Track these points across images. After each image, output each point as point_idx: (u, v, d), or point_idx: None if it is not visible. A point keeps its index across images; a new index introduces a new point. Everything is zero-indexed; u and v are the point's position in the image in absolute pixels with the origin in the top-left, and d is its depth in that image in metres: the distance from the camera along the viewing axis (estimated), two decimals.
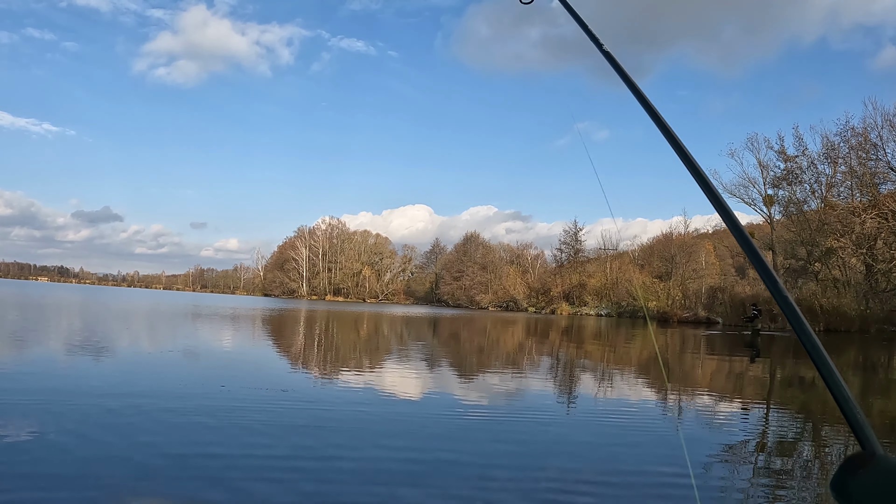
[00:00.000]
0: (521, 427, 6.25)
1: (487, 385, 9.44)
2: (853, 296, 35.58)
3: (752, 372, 13.75)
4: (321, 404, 6.87)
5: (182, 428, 5.31)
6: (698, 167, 1.32)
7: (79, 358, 9.77)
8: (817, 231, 38.36)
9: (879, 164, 36.28)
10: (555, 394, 8.95)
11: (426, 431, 5.81)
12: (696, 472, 4.73)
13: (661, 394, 9.19)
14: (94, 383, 7.31)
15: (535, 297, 73.34)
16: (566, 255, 71.19)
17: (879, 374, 14.72)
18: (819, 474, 5.03)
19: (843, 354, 20.03)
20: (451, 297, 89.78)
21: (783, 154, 41.77)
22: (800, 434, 6.89)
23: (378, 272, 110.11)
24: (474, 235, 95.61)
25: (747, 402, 9.00)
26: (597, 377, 11.54)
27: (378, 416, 6.41)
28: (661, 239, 64.66)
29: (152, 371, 8.72)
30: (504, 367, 12.35)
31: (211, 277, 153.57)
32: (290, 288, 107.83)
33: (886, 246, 35.63)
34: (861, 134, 36.72)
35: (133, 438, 4.86)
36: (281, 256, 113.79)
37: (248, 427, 5.48)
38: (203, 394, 6.99)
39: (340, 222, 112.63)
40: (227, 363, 10.67)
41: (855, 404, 0.87)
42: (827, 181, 39.89)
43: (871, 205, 35.12)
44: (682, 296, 49.93)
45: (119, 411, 5.78)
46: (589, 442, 5.75)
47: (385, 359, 12.86)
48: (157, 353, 11.09)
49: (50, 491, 3.65)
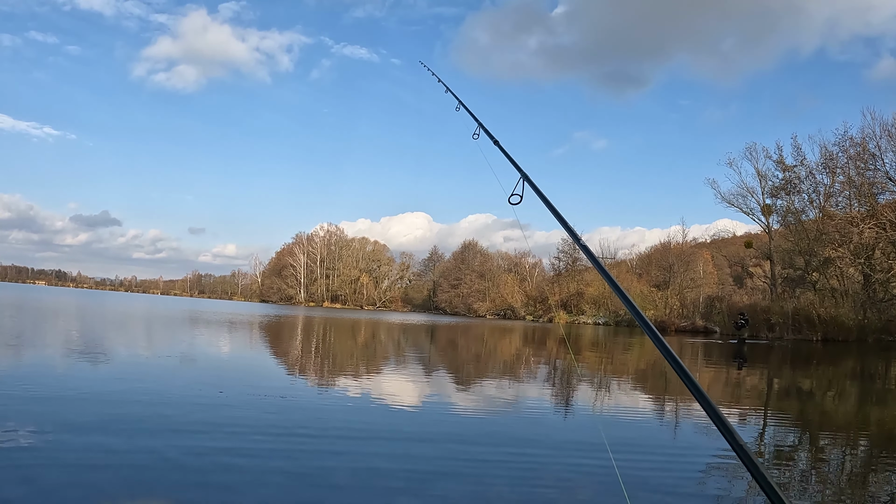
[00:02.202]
0: (518, 432, 6.25)
1: (484, 392, 9.44)
2: (851, 306, 35.59)
3: (737, 380, 13.75)
4: (319, 411, 6.87)
5: (178, 433, 5.30)
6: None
7: (76, 363, 9.75)
8: (815, 241, 38.40)
9: (878, 175, 36.36)
10: (551, 400, 8.95)
11: (424, 438, 5.80)
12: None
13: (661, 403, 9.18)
14: (90, 388, 7.29)
15: (533, 305, 73.29)
16: (564, 263, 71.20)
17: (877, 384, 14.72)
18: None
19: (841, 364, 20.04)
20: (449, 304, 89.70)
21: (781, 164, 41.89)
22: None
23: (376, 279, 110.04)
24: (472, 243, 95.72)
25: (732, 408, 9.00)
26: (591, 384, 11.53)
27: (375, 422, 6.41)
28: (660, 248, 64.70)
29: (149, 376, 8.70)
30: (501, 375, 12.34)
31: (208, 283, 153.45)
32: (287, 294, 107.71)
33: (884, 256, 35.68)
34: (859, 144, 36.82)
35: (131, 443, 4.85)
36: (279, 263, 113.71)
37: (246, 432, 5.47)
38: (200, 400, 6.98)
39: (339, 229, 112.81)
40: (225, 369, 10.65)
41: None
42: (825, 191, 39.98)
43: (869, 215, 35.17)
44: (680, 305, 49.92)
45: (115, 416, 5.77)
46: (581, 440, 5.75)
47: (382, 366, 12.84)
48: (155, 359, 11.07)
49: (49, 495, 3.64)
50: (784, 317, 34.45)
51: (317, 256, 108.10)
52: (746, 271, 69.13)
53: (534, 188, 2.83)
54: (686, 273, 57.81)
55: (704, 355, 20.97)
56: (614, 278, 2.07)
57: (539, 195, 2.77)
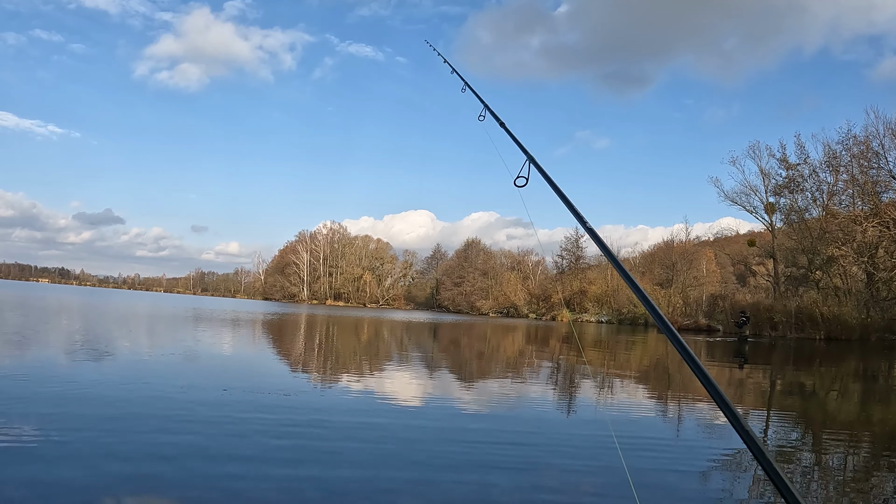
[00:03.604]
0: (522, 429, 6.26)
1: (489, 390, 9.45)
2: (854, 304, 35.52)
3: (740, 378, 13.73)
4: (322, 409, 6.88)
5: (182, 431, 5.32)
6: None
7: (79, 361, 9.79)
8: (818, 239, 38.31)
9: (881, 173, 36.28)
10: (556, 397, 8.96)
11: (428, 435, 5.81)
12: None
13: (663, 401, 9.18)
14: (95, 386, 7.31)
15: (536, 303, 73.33)
16: (567, 261, 71.21)
17: (880, 383, 14.70)
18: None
19: (844, 363, 20.01)
20: (452, 302, 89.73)
21: (785, 162, 41.80)
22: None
23: (379, 277, 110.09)
24: (475, 241, 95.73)
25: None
26: (592, 383, 11.53)
27: (379, 420, 6.42)
28: (663, 246, 64.63)
29: (151, 374, 8.72)
30: (505, 373, 12.35)
31: (211, 281, 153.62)
32: (290, 292, 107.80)
33: (888, 254, 35.58)
34: (863, 142, 36.74)
35: (132, 441, 4.87)
36: (282, 261, 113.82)
37: (249, 432, 5.49)
38: (204, 398, 7.00)
39: (341, 227, 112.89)
40: (228, 367, 10.68)
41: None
42: (828, 189, 39.89)
43: (872, 213, 35.08)
44: (683, 303, 49.88)
45: (117, 415, 5.80)
46: (588, 434, 5.76)
47: (386, 365, 12.86)
48: (158, 356, 11.10)
49: (52, 491, 3.66)
50: (787, 315, 34.39)
51: (320, 254, 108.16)
52: (749, 270, 69.03)
53: (539, 170, 2.77)
54: (689, 271, 57.77)
55: (706, 353, 20.95)
56: (621, 262, 2.03)
57: (545, 177, 2.71)
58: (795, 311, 34.30)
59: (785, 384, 13.35)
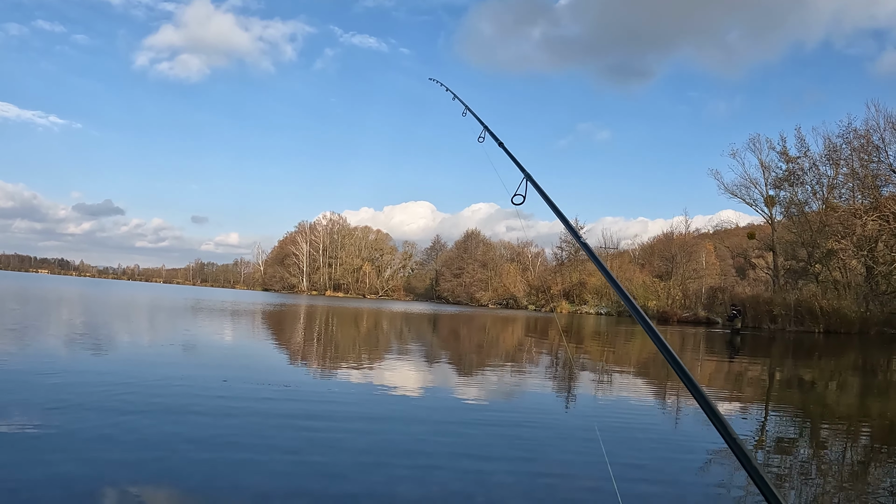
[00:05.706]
0: (520, 421, 6.29)
1: (486, 381, 9.48)
2: (853, 298, 35.58)
3: (727, 371, 13.79)
4: (321, 399, 6.91)
5: (183, 421, 5.35)
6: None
7: (79, 352, 9.82)
8: (818, 233, 38.32)
9: (881, 167, 36.24)
10: (549, 389, 8.99)
11: (426, 426, 5.84)
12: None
13: (662, 393, 9.22)
14: (95, 377, 7.34)
15: (535, 294, 73.36)
16: (567, 253, 71.17)
17: (879, 377, 14.75)
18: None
19: (843, 356, 20.06)
20: (451, 294, 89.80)
21: (785, 155, 41.70)
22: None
23: (378, 268, 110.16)
24: (475, 233, 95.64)
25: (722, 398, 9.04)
26: (589, 374, 11.58)
27: (378, 410, 6.45)
28: (662, 238, 64.73)
29: (153, 365, 8.76)
30: (502, 365, 12.39)
31: (211, 272, 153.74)
32: (290, 283, 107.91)
33: (887, 248, 35.61)
34: (863, 136, 36.68)
35: (135, 431, 4.90)
36: (281, 251, 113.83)
37: (250, 420, 5.52)
38: (204, 388, 7.03)
39: (341, 218, 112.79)
40: (228, 358, 10.71)
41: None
42: (828, 183, 39.85)
43: (872, 207, 35.08)
44: (682, 295, 49.98)
45: (119, 405, 5.82)
46: (578, 426, 5.79)
47: (385, 355, 12.89)
48: (158, 347, 11.13)
49: (58, 480, 3.68)
50: (786, 308, 34.46)
51: (319, 245, 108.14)
52: (749, 262, 69.03)
53: (537, 188, 2.86)
54: (688, 264, 57.81)
55: (697, 346, 21.01)
56: (614, 276, 2.10)
57: (542, 195, 2.79)
58: (795, 305, 34.37)
59: (783, 377, 13.40)
